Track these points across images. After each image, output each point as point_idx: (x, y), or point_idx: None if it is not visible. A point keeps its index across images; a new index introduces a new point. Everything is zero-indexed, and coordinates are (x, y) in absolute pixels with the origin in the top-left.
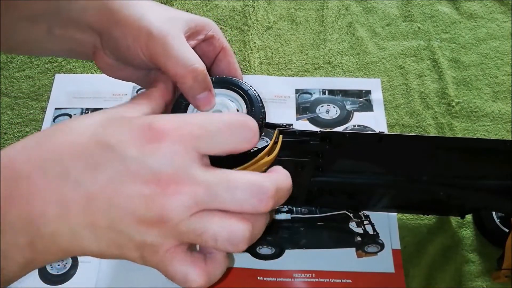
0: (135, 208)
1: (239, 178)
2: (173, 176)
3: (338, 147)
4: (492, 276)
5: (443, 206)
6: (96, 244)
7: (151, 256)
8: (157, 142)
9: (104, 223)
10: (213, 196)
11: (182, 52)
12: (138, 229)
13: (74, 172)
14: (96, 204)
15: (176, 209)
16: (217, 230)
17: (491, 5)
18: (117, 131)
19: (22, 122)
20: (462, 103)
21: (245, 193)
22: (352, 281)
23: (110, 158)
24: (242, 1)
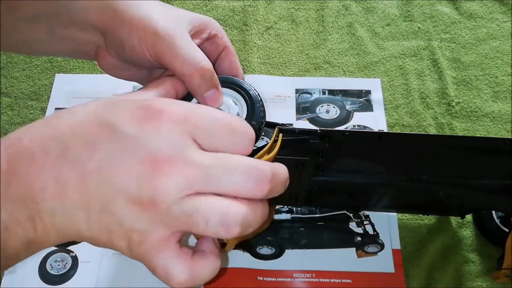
0: (127, 187)
1: (237, 160)
2: (169, 156)
3: (338, 145)
4: (492, 276)
5: (443, 206)
6: (88, 227)
7: (138, 246)
8: (156, 121)
9: (97, 204)
10: (209, 178)
11: (188, 50)
12: (128, 211)
13: (72, 150)
14: (90, 182)
15: (168, 190)
16: (208, 210)
17: (491, 5)
18: (117, 110)
19: (22, 122)
20: (462, 103)
21: (242, 176)
22: (352, 281)
23: (108, 136)
24: (242, 1)
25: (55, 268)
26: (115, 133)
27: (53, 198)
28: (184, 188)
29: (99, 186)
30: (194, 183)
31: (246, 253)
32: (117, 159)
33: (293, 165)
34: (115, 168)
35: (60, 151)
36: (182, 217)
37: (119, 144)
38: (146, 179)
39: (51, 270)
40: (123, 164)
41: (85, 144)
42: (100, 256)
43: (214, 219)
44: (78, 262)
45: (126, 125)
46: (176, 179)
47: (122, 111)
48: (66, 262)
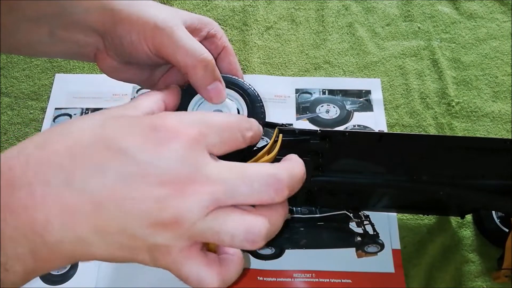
0: (148, 211)
1: (254, 170)
2: (188, 176)
3: (338, 146)
4: (492, 276)
5: (443, 206)
6: (105, 249)
7: (163, 257)
8: (169, 142)
9: (114, 228)
10: (231, 192)
11: (190, 42)
12: (150, 232)
13: (77, 177)
14: (104, 209)
15: (192, 210)
16: (234, 227)
17: (491, 5)
18: (126, 133)
19: (22, 122)
20: (462, 103)
21: (262, 185)
22: (352, 281)
23: (119, 161)
24: (242, 1)
25: None
26: (127, 159)
27: (61, 229)
28: (207, 206)
29: (115, 213)
30: (218, 199)
31: (246, 253)
32: (133, 185)
33: None
34: (131, 194)
35: (62, 180)
36: (208, 234)
37: (133, 169)
38: (167, 201)
39: None
40: (140, 189)
41: (92, 171)
42: None
43: (240, 236)
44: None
45: (139, 149)
46: (200, 198)
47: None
48: None
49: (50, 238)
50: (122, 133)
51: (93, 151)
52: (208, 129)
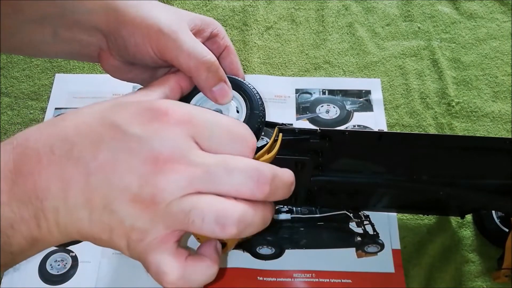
0: (129, 186)
1: (238, 160)
2: (171, 155)
3: (338, 145)
4: (492, 276)
5: (443, 206)
6: (89, 226)
7: (137, 243)
8: (160, 122)
9: (100, 203)
10: (210, 177)
11: (193, 45)
12: (129, 210)
13: (77, 149)
14: (94, 180)
15: (169, 188)
16: (205, 207)
17: (491, 5)
18: (123, 112)
19: (22, 122)
20: (462, 103)
21: (242, 175)
22: (352, 281)
23: (113, 136)
24: (242, 1)
25: (55, 268)
26: (119, 133)
27: (56, 196)
28: (184, 187)
29: (102, 185)
30: (194, 182)
31: (246, 253)
32: (120, 158)
33: (293, 165)
34: (117, 167)
35: (65, 151)
36: (181, 215)
37: (122, 143)
38: (147, 178)
39: (51, 270)
40: (126, 163)
41: (90, 144)
42: (100, 256)
43: (210, 217)
44: (78, 262)
45: (130, 125)
46: (177, 178)
47: (127, 112)
48: (66, 262)
49: (48, 204)
50: (121, 112)
51: (94, 128)
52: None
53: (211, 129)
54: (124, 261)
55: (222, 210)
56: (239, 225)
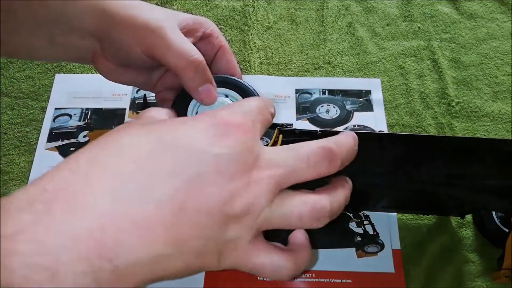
0: (221, 206)
1: (306, 147)
2: (253, 164)
3: None
4: (492, 276)
5: (443, 206)
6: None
7: (231, 253)
8: (230, 135)
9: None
10: (292, 171)
11: (181, 44)
12: (223, 228)
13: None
14: (182, 214)
15: (261, 196)
16: (300, 207)
17: (491, 5)
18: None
19: (22, 122)
20: (462, 103)
21: (316, 157)
22: (352, 281)
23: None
24: (242, 1)
25: None
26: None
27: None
28: (272, 190)
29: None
30: (279, 182)
31: None
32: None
33: None
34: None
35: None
36: (277, 219)
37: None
38: (237, 193)
39: None
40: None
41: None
42: None
43: (306, 214)
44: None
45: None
46: (265, 183)
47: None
48: None
49: (122, 261)
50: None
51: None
52: (255, 116)
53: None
54: None
55: (315, 204)
56: (332, 214)
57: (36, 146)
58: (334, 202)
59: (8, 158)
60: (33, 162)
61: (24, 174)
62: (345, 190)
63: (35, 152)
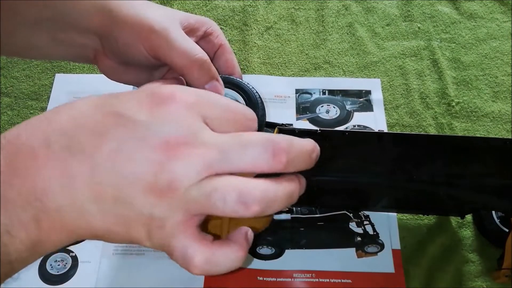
0: (143, 175)
1: (251, 135)
2: (183, 139)
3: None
4: (492, 276)
5: (443, 206)
6: (102, 220)
7: (158, 232)
8: (165, 105)
9: (111, 195)
10: (226, 156)
11: (185, 43)
12: (146, 200)
13: (78, 142)
14: (102, 173)
15: (186, 173)
16: (226, 188)
17: (491, 5)
18: (124, 100)
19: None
20: (462, 103)
21: (257, 148)
22: (352, 281)
23: (117, 125)
24: (242, 1)
25: (55, 268)
26: (124, 121)
27: (60, 194)
28: (201, 170)
29: (112, 177)
30: (211, 163)
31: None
32: (129, 148)
33: None
34: (128, 157)
35: (64, 144)
36: (202, 199)
37: (129, 132)
38: (162, 165)
39: (51, 270)
40: (137, 152)
41: (92, 135)
42: (100, 256)
43: (232, 196)
44: (78, 262)
45: (135, 112)
46: (193, 162)
47: (130, 99)
48: (66, 262)
49: (50, 204)
50: (121, 101)
51: (94, 119)
52: (206, 101)
53: (220, 109)
54: (124, 261)
55: (244, 188)
56: (262, 202)
57: None
58: (269, 191)
59: None
60: None
61: None
62: (291, 185)
63: None
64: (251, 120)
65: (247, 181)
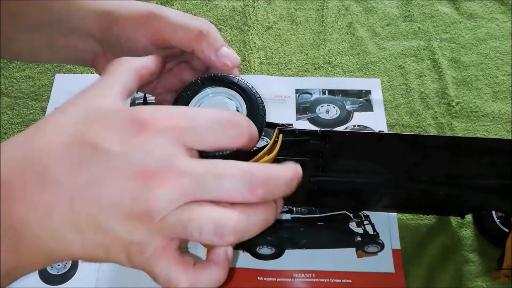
0: (120, 204)
1: (227, 166)
2: (158, 168)
3: (338, 146)
4: (492, 276)
5: (443, 206)
6: (81, 248)
7: (138, 256)
8: (141, 134)
9: (89, 224)
10: (200, 186)
11: (185, 18)
12: (125, 227)
13: (54, 173)
14: (79, 203)
15: (162, 202)
16: (201, 219)
17: (491, 5)
18: (98, 126)
19: (22, 122)
20: (462, 103)
21: (232, 181)
22: (352, 281)
23: (92, 155)
24: (242, 1)
25: (55, 268)
26: (100, 152)
27: (37, 225)
28: (177, 199)
29: (89, 207)
30: (187, 192)
31: (246, 253)
32: (106, 178)
33: None
34: (104, 186)
35: (40, 176)
36: (178, 227)
37: (104, 163)
38: (139, 194)
39: (51, 270)
40: (113, 181)
41: (68, 166)
42: None
43: (207, 228)
44: (78, 262)
45: (111, 143)
46: (168, 192)
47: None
48: (66, 262)
49: (27, 234)
50: (97, 128)
51: (69, 149)
52: (188, 122)
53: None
54: None
55: (218, 220)
56: (237, 233)
57: None
58: (245, 221)
59: None
60: None
61: None
62: (267, 211)
63: None
64: (242, 126)
65: (223, 212)
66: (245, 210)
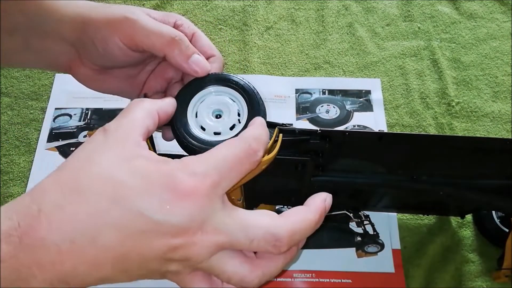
0: (163, 255)
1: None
2: (199, 228)
3: (338, 146)
4: (492, 276)
5: (443, 206)
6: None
7: (173, 277)
8: (182, 201)
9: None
10: (233, 242)
11: (158, 25)
12: (164, 265)
13: (100, 236)
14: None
15: (200, 254)
16: (231, 273)
17: (491, 5)
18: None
19: (22, 122)
20: (462, 103)
21: (261, 242)
22: (352, 281)
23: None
24: (242, 1)
25: None
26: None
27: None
28: (212, 252)
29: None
30: (221, 246)
31: None
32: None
33: (293, 165)
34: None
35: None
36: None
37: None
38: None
39: None
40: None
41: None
42: None
43: (235, 281)
44: None
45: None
46: (206, 246)
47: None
48: None
49: (76, 282)
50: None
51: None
52: (220, 175)
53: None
54: None
55: (244, 277)
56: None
57: (36, 146)
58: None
59: (8, 158)
60: (33, 162)
61: (24, 174)
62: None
63: (35, 152)
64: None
65: (248, 271)
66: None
